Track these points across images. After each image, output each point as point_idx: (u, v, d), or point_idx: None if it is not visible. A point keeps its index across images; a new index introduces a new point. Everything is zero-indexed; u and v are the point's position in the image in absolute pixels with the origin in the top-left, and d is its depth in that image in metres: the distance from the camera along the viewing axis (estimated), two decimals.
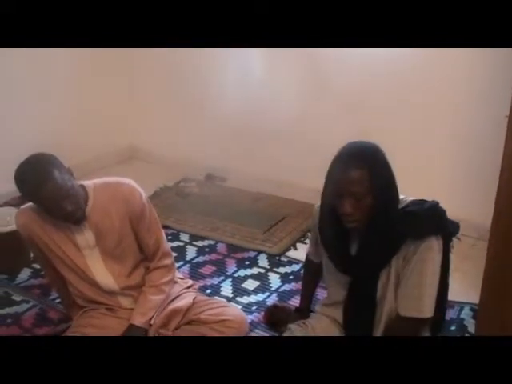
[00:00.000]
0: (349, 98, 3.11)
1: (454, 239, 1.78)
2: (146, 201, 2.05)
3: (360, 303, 1.81)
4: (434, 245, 1.68)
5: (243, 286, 2.57)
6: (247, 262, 2.76)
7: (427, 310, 1.71)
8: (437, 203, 1.74)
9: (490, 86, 2.68)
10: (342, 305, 1.87)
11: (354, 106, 3.10)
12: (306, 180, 3.29)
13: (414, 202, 1.74)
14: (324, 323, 1.93)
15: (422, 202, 1.74)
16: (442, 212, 1.73)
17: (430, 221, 1.68)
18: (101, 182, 2.04)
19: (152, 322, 2.02)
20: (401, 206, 1.73)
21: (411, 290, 1.70)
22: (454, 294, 2.47)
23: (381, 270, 1.74)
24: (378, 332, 1.80)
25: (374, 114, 3.05)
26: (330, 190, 1.71)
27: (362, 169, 1.62)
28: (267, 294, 2.51)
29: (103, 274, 2.02)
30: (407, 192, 3.03)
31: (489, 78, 2.70)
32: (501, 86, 2.62)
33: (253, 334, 2.20)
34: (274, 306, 2.32)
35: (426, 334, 1.81)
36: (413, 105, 2.96)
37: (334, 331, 1.90)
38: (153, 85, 3.85)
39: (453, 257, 2.71)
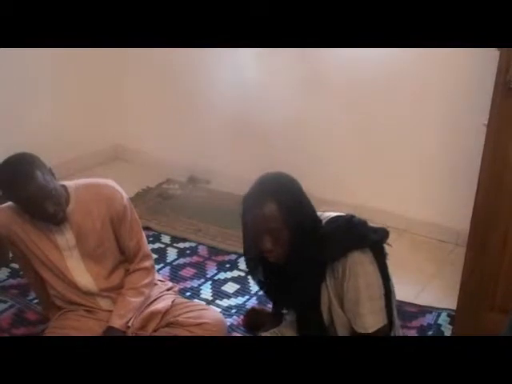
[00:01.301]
0: (341, 100, 3.09)
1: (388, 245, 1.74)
2: (127, 202, 2.05)
3: (311, 330, 1.79)
4: (360, 258, 1.64)
5: (223, 288, 2.57)
6: (228, 265, 2.76)
7: (371, 325, 1.67)
8: (352, 216, 1.71)
9: (474, 94, 2.70)
10: None
11: (345, 107, 3.09)
12: None
13: (329, 221, 1.71)
14: (293, 332, 1.91)
15: (337, 218, 1.71)
16: (359, 224, 1.69)
17: (347, 237, 1.65)
18: (82, 182, 2.03)
19: (130, 324, 2.02)
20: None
21: (351, 308, 1.68)
22: (432, 300, 2.51)
23: (317, 297, 1.72)
24: None
25: (364, 120, 3.06)
26: (247, 228, 1.71)
27: (272, 204, 1.61)
28: (247, 297, 2.51)
29: (82, 275, 2.01)
30: (389, 196, 3.08)
31: (472, 85, 2.72)
32: (483, 94, 2.66)
33: None
34: (253, 310, 2.33)
35: None
36: (401, 109, 2.96)
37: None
38: (139, 86, 3.83)
39: (431, 263, 2.79)
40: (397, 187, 3.09)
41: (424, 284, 2.63)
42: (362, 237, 1.67)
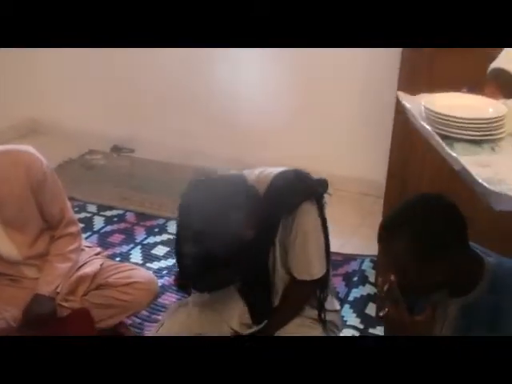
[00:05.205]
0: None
1: (326, 195, 1.79)
2: (47, 169, 1.99)
3: (255, 278, 1.81)
4: (309, 209, 1.70)
5: (153, 252, 2.58)
6: (156, 229, 2.77)
7: (316, 272, 1.75)
8: (297, 170, 1.75)
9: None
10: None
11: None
12: (216, 148, 3.32)
13: (275, 178, 1.72)
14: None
15: (283, 173, 1.74)
16: (305, 177, 1.74)
17: (297, 191, 1.69)
18: None
19: (59, 290, 1.99)
20: (264, 184, 1.72)
21: (299, 256, 1.73)
22: (356, 249, 2.62)
23: (266, 258, 1.76)
24: (277, 297, 1.82)
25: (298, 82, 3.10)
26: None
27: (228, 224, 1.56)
28: None
29: (5, 243, 1.95)
30: (314, 150, 3.16)
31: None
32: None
33: (163, 297, 2.23)
34: None
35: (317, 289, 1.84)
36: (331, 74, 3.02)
37: (233, 293, 1.87)
38: (52, 55, 3.69)
39: (355, 215, 2.90)
40: (321, 142, 3.18)
41: (348, 235, 2.74)
42: (310, 189, 1.72)
